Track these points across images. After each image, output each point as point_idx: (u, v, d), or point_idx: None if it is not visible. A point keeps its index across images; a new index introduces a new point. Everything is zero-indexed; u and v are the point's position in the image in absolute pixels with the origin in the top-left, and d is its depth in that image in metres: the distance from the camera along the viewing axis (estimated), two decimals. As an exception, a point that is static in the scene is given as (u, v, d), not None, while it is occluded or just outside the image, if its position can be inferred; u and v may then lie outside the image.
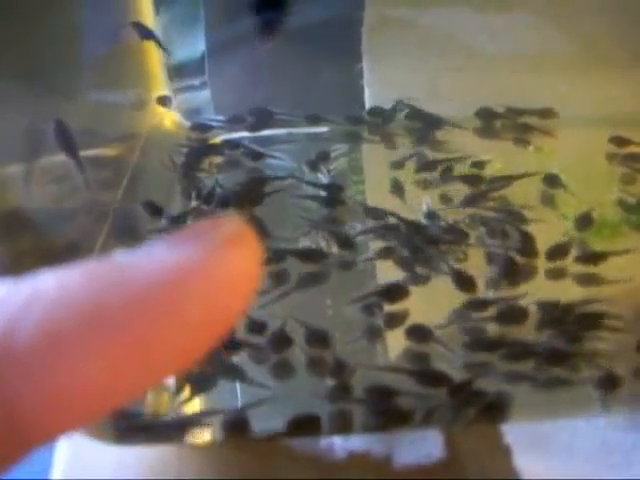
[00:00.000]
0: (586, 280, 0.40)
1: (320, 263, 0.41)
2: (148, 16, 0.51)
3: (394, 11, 0.51)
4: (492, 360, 0.36)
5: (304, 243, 0.42)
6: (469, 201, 0.45)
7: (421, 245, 0.41)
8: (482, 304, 0.38)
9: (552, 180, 0.46)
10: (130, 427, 0.34)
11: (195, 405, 0.35)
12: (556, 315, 0.37)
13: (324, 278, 0.41)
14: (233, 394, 0.36)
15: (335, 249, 0.42)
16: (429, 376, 0.35)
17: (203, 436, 0.35)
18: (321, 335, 0.37)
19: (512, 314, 0.38)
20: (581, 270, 0.41)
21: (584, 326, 0.37)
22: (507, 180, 0.46)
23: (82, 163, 0.40)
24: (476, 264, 0.41)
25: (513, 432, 0.35)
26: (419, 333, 0.37)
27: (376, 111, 0.52)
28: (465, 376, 0.35)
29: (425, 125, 0.51)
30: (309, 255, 0.42)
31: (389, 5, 0.51)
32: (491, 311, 0.38)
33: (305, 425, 0.34)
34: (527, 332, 0.37)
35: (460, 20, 0.51)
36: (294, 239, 0.43)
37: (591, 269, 0.41)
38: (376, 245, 0.43)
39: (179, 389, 0.35)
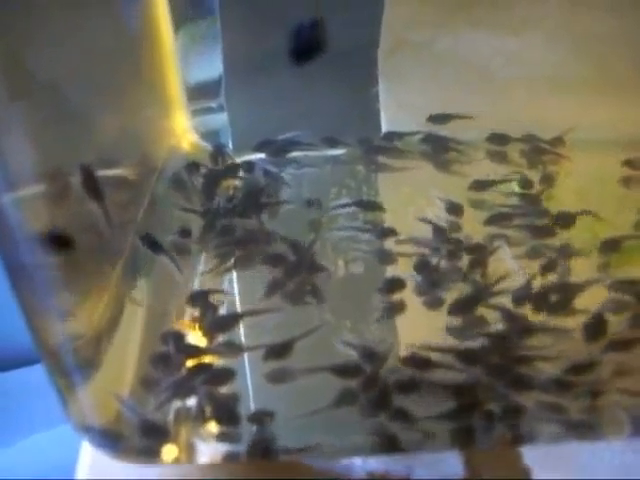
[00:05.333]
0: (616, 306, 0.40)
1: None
2: (167, 37, 0.51)
3: (410, 35, 0.51)
4: (511, 384, 0.36)
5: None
6: (491, 220, 0.46)
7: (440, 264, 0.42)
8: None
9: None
10: (152, 446, 0.34)
11: (217, 426, 0.35)
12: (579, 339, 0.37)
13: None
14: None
15: (347, 268, 0.43)
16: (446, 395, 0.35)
17: (224, 455, 0.35)
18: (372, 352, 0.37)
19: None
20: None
21: (607, 350, 0.37)
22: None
23: (108, 211, 0.39)
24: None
25: (532, 453, 0.35)
26: (417, 360, 0.37)
27: (392, 134, 0.52)
28: (480, 398, 0.35)
29: (440, 148, 0.52)
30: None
31: (405, 29, 0.51)
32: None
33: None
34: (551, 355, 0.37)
35: (475, 44, 0.51)
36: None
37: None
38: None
39: (202, 412, 0.35)
